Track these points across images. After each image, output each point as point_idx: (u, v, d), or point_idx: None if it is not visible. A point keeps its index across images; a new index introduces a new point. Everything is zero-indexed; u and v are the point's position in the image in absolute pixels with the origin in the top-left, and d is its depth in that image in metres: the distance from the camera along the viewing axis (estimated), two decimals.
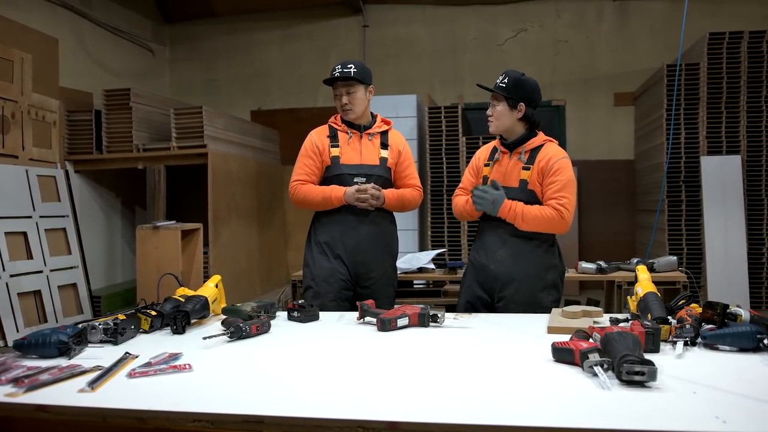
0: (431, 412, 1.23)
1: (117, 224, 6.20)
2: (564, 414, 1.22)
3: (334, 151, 2.77)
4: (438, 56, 7.09)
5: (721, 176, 5.00)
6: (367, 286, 2.77)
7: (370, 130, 2.82)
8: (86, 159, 5.48)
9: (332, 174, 2.77)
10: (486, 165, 2.66)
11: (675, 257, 3.42)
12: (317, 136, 2.82)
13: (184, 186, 6.11)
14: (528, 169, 2.48)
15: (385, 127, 2.86)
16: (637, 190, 6.47)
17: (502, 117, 2.53)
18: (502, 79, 2.54)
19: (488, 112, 2.59)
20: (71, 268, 4.77)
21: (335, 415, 1.23)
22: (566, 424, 1.16)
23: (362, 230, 2.74)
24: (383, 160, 2.80)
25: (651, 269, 3.23)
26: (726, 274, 4.86)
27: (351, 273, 2.76)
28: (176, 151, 5.25)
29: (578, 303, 3.47)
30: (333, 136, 2.80)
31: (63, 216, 4.80)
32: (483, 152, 2.75)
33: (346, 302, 2.75)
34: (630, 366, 1.37)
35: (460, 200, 2.70)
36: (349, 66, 2.73)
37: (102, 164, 5.51)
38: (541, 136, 2.58)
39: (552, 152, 2.49)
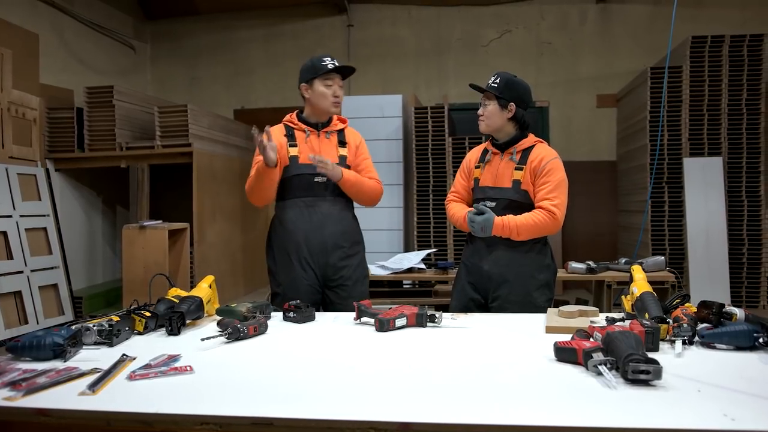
0: (442, 413, 1.22)
1: (98, 224, 6.10)
2: (575, 412, 1.22)
3: (293, 151, 2.67)
4: (423, 56, 7.11)
5: (703, 178, 5.08)
6: (338, 287, 2.69)
7: (327, 128, 2.74)
8: (67, 157, 5.38)
9: (291, 174, 2.66)
10: (477, 167, 2.66)
11: (662, 257, 3.47)
12: (273, 135, 2.66)
13: (166, 185, 6.03)
14: (521, 169, 2.49)
15: (341, 125, 2.79)
16: (619, 191, 6.55)
17: (492, 116, 2.55)
18: (494, 80, 2.56)
19: (479, 111, 2.60)
20: (52, 268, 4.68)
21: (346, 416, 1.22)
22: (579, 423, 1.17)
23: (327, 231, 2.66)
24: (342, 158, 2.72)
25: None
26: (708, 274, 4.94)
27: (318, 276, 2.67)
28: (160, 150, 5.18)
29: (567, 303, 3.50)
30: (290, 136, 2.70)
31: (44, 215, 4.71)
32: (473, 154, 2.75)
33: (314, 306, 2.69)
34: (636, 365, 1.38)
35: (457, 211, 2.66)
36: (336, 60, 2.67)
37: (84, 163, 5.41)
38: (531, 138, 2.60)
39: (544, 153, 2.51)
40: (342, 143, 2.75)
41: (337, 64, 2.68)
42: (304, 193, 2.66)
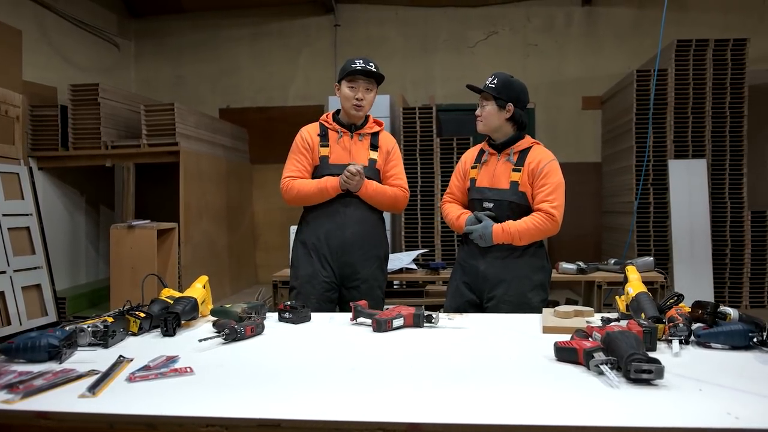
0: (450, 413, 1.22)
1: (81, 223, 6.02)
2: (582, 412, 1.23)
3: (324, 151, 2.72)
4: (409, 57, 7.12)
5: (688, 179, 5.15)
6: (353, 288, 2.73)
7: (360, 131, 2.76)
8: (51, 156, 5.30)
9: (320, 174, 2.72)
10: (473, 167, 2.67)
11: (651, 258, 3.51)
12: (308, 133, 2.77)
13: (150, 184, 5.97)
14: (518, 170, 2.51)
15: (377, 128, 2.81)
16: (603, 192, 6.62)
17: (490, 117, 2.56)
18: (492, 80, 2.57)
19: (477, 112, 2.61)
20: (35, 268, 4.61)
21: (353, 417, 1.21)
22: (587, 422, 1.17)
23: (347, 231, 2.70)
24: (372, 161, 2.74)
25: None
26: (692, 275, 5.01)
27: (336, 274, 2.72)
28: (147, 149, 5.13)
29: (557, 303, 3.52)
30: (323, 135, 2.75)
31: (27, 215, 4.64)
32: (469, 155, 2.75)
33: (330, 303, 2.72)
34: (638, 364, 1.39)
35: (451, 211, 2.68)
36: (371, 63, 2.70)
37: (68, 161, 5.33)
38: (528, 139, 2.62)
39: (541, 155, 2.53)
40: (374, 146, 2.76)
41: (368, 67, 2.69)
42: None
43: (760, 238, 5.24)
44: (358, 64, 2.69)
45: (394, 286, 4.11)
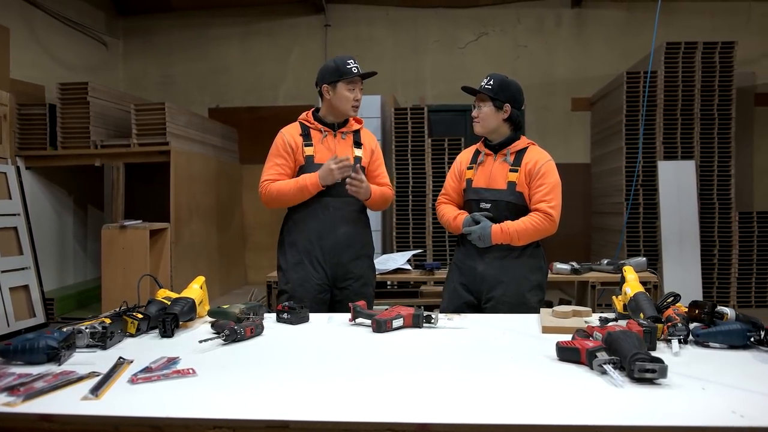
0: (459, 413, 1.22)
1: (69, 223, 5.95)
2: (588, 411, 1.23)
3: (309, 150, 2.67)
4: (400, 57, 7.13)
5: (677, 181, 5.20)
6: (345, 288, 2.71)
7: (343, 129, 2.74)
8: (39, 155, 5.23)
9: (306, 174, 2.66)
10: (469, 168, 2.66)
11: (644, 258, 3.54)
12: (289, 135, 2.71)
13: (138, 184, 5.92)
14: (516, 171, 2.51)
15: (357, 126, 2.79)
16: (593, 192, 6.66)
17: (488, 118, 2.55)
18: (488, 81, 2.57)
19: (474, 113, 2.60)
20: (23, 269, 4.56)
21: (362, 418, 1.20)
22: (595, 422, 1.18)
23: (339, 231, 2.67)
24: (357, 159, 2.72)
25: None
26: (681, 275, 5.06)
27: (328, 275, 2.69)
28: (137, 149, 5.08)
29: (552, 303, 3.54)
30: (306, 135, 2.70)
31: (14, 214, 4.58)
32: (464, 156, 2.75)
33: (323, 305, 2.69)
34: (642, 364, 1.40)
35: (447, 212, 2.68)
36: (357, 64, 2.69)
37: (56, 161, 5.27)
38: (524, 139, 2.62)
39: (538, 155, 2.54)
40: (357, 144, 2.75)
41: (359, 68, 2.68)
42: (319, 193, 2.64)
43: (748, 238, 5.31)
44: (352, 65, 2.66)
45: (387, 287, 4.10)
